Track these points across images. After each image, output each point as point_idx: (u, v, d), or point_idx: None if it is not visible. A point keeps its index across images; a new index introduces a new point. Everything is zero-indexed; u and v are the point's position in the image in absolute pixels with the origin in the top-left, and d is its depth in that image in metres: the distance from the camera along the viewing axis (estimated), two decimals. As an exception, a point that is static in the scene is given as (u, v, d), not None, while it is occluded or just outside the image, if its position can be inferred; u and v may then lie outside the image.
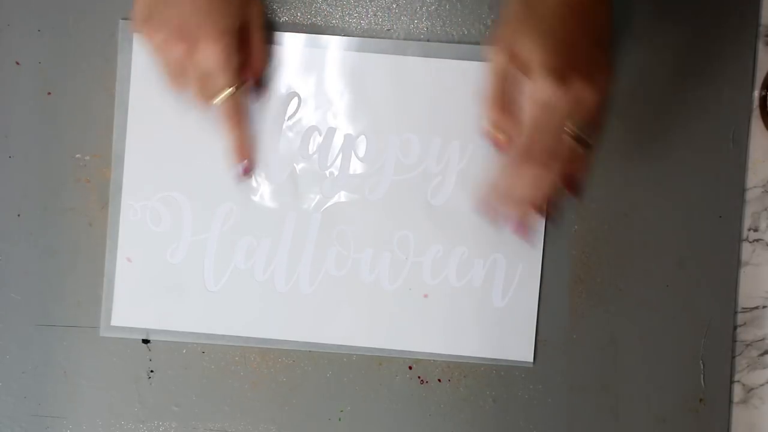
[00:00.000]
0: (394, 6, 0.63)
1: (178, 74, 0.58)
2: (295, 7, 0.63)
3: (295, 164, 0.63)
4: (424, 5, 0.63)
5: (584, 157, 0.56)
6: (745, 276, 0.64)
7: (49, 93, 0.63)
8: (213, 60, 0.56)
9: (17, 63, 0.63)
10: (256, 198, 0.63)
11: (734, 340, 0.64)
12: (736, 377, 0.64)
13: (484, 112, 0.56)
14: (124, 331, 0.63)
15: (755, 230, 0.64)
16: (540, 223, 0.63)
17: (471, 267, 0.63)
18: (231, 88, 0.58)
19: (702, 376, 0.64)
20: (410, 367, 0.64)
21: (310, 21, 0.63)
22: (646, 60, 0.63)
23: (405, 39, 0.63)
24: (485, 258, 0.63)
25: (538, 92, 0.53)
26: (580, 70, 0.53)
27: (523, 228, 0.60)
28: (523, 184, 0.56)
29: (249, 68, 0.60)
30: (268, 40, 0.62)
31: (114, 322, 0.63)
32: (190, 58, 0.56)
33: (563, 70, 0.53)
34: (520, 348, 0.63)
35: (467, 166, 0.63)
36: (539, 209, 0.59)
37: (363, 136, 0.63)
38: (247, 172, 0.62)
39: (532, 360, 0.63)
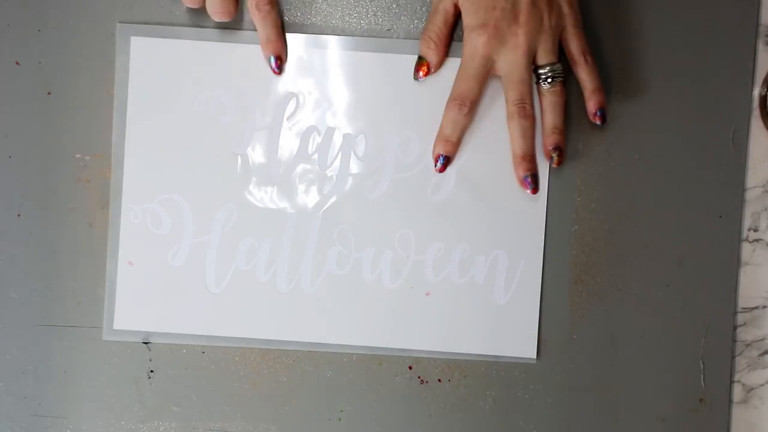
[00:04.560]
0: (394, 6, 0.63)
1: None
2: (295, 7, 0.62)
3: (294, 164, 0.63)
4: (424, 5, 0.63)
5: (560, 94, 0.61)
6: (745, 276, 0.64)
7: (49, 93, 0.63)
8: None
9: (17, 63, 0.63)
10: (256, 199, 0.63)
11: (734, 340, 0.64)
12: (736, 377, 0.64)
13: (421, 40, 0.61)
14: (126, 335, 0.63)
15: (755, 230, 0.64)
16: (541, 224, 0.63)
17: (473, 264, 0.63)
18: None
19: (702, 376, 0.64)
20: (410, 367, 0.64)
21: (310, 21, 0.63)
22: (646, 60, 0.63)
23: (405, 39, 0.63)
24: (487, 255, 0.63)
25: (467, 42, 0.59)
26: (516, 20, 0.58)
27: (525, 182, 0.62)
28: (514, 137, 0.61)
29: None
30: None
31: (117, 326, 0.63)
32: None
33: (491, 26, 0.58)
34: (523, 344, 0.63)
35: (467, 164, 0.63)
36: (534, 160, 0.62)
37: (362, 136, 0.63)
38: (278, 66, 0.62)
39: (535, 356, 0.63)
